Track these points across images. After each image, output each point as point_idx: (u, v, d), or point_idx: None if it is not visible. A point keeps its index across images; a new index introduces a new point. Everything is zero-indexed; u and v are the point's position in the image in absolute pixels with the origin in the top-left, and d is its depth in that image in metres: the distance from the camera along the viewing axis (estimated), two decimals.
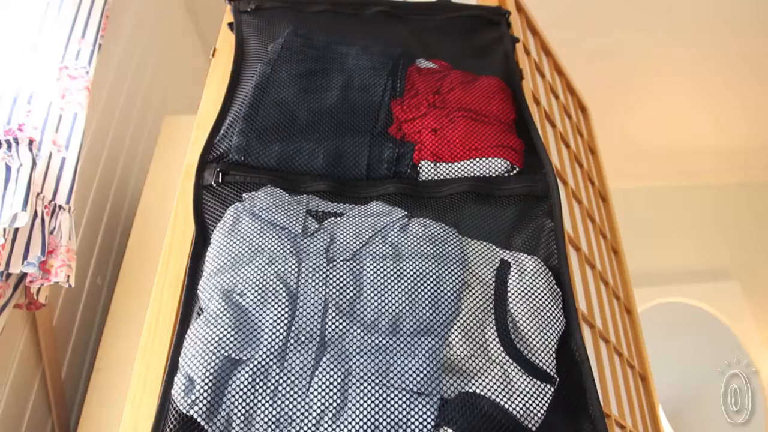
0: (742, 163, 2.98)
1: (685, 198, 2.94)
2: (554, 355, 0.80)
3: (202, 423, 0.71)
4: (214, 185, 0.95)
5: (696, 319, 2.49)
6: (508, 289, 0.84)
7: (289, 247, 0.84)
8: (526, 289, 0.84)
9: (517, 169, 0.99)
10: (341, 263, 0.83)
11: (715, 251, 2.74)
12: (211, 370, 0.72)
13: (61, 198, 1.15)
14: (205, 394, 0.71)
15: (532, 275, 0.85)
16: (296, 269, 0.82)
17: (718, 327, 2.44)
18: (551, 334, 0.81)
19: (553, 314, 0.83)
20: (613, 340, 1.17)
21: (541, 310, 0.82)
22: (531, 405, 0.74)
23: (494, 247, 0.89)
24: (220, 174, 0.96)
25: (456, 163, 0.98)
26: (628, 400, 1.18)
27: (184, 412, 0.72)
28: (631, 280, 1.42)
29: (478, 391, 0.74)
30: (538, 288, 0.84)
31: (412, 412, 0.71)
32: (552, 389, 0.76)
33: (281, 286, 0.79)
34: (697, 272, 2.66)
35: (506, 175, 0.99)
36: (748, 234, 2.82)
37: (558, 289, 0.86)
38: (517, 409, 0.73)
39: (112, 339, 1.25)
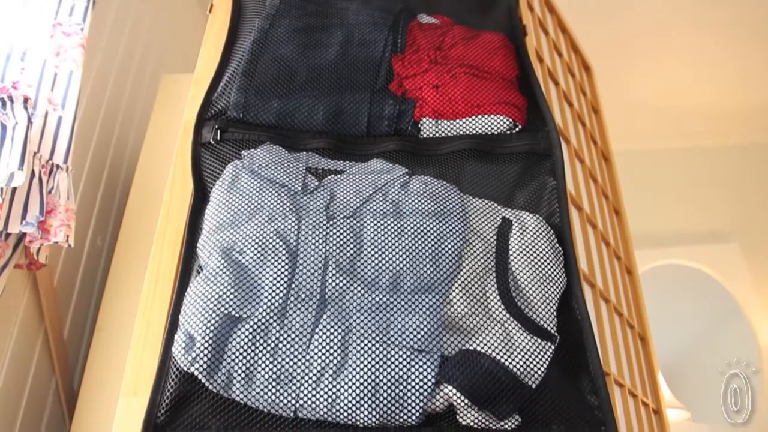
0: (744, 125, 2.95)
1: (686, 159, 2.93)
2: (555, 313, 0.79)
3: (203, 380, 0.71)
4: (213, 143, 0.94)
5: (695, 281, 2.49)
6: (510, 247, 0.83)
7: (288, 204, 0.83)
8: (527, 247, 0.83)
9: (520, 126, 0.98)
10: (341, 221, 0.83)
11: (715, 213, 2.73)
12: (211, 328, 0.72)
13: (59, 157, 1.13)
14: (206, 352, 0.71)
15: (534, 233, 0.85)
16: (296, 227, 0.81)
17: (717, 289, 2.45)
18: (552, 292, 0.81)
19: (555, 272, 0.82)
20: (613, 300, 1.17)
21: (543, 269, 0.82)
22: (531, 362, 0.74)
23: (496, 205, 0.88)
24: (219, 131, 0.94)
25: (458, 120, 0.97)
26: (627, 360, 1.19)
27: (185, 369, 0.72)
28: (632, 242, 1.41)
29: (478, 348, 0.74)
30: (540, 246, 0.84)
31: (413, 370, 0.71)
32: (552, 347, 0.76)
33: (281, 243, 0.79)
34: (698, 234, 2.66)
35: (508, 132, 0.97)
36: (748, 196, 2.81)
37: (559, 248, 0.85)
38: (518, 366, 0.73)
39: (113, 299, 1.25)
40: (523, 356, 0.74)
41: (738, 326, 2.38)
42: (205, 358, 0.71)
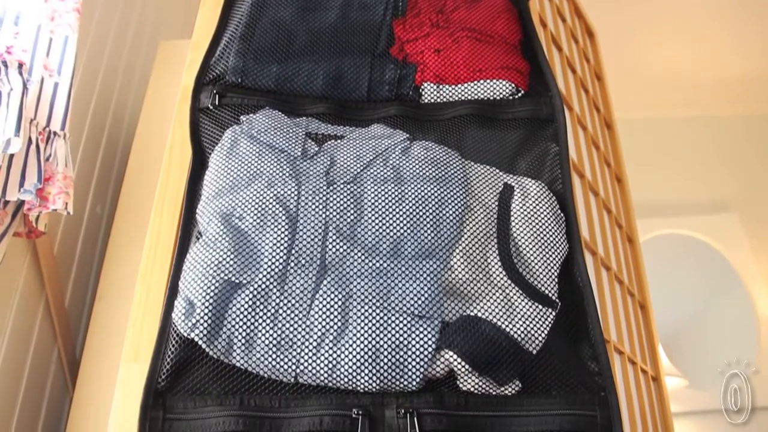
0: (746, 95, 2.92)
1: (688, 129, 2.90)
2: (556, 279, 0.79)
3: (204, 346, 0.71)
4: (211, 108, 0.93)
5: (695, 251, 2.49)
6: (511, 213, 0.83)
7: (288, 169, 0.83)
8: (529, 213, 0.83)
9: (522, 92, 0.96)
10: (342, 186, 0.82)
11: (716, 183, 2.72)
12: (211, 294, 0.72)
13: (56, 124, 1.12)
14: (206, 318, 0.71)
15: (536, 199, 0.84)
16: (296, 192, 0.80)
17: (717, 258, 2.45)
18: (554, 258, 0.80)
19: (556, 239, 0.82)
20: (614, 268, 1.17)
21: (544, 235, 0.81)
22: (532, 328, 0.74)
23: (497, 170, 0.88)
24: (217, 96, 0.93)
25: (459, 86, 0.95)
26: (627, 327, 1.19)
27: (185, 335, 0.72)
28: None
29: (479, 314, 0.74)
30: (542, 212, 0.83)
31: (413, 335, 0.71)
32: (553, 313, 0.76)
33: (281, 209, 0.78)
34: (698, 204, 2.65)
35: (511, 98, 0.96)
36: (749, 166, 2.80)
37: (561, 214, 0.85)
38: (518, 332, 0.73)
39: (113, 266, 1.25)
40: (523, 322, 0.74)
41: (737, 296, 2.39)
42: (205, 324, 0.70)
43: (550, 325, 0.75)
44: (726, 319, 2.36)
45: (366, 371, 0.69)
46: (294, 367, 0.70)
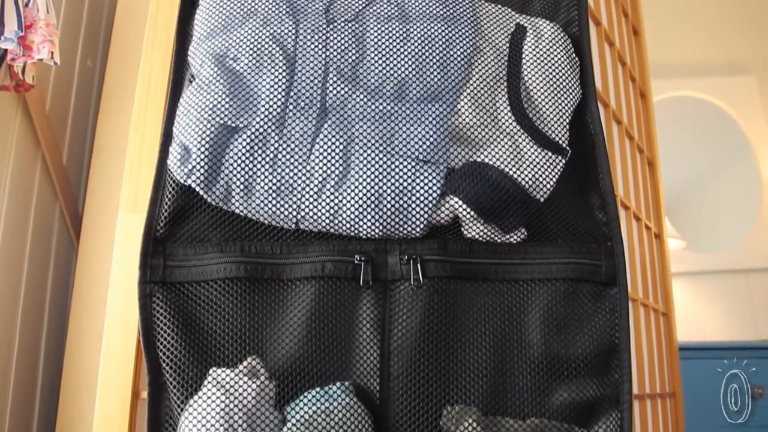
0: None
1: None
2: (567, 126, 0.76)
3: (201, 192, 0.69)
4: None
5: (707, 115, 2.43)
6: (523, 55, 0.78)
7: (284, 6, 0.76)
8: (541, 56, 0.77)
9: None
10: (342, 24, 0.76)
11: (734, 44, 2.60)
12: (207, 138, 0.69)
13: None
14: (202, 163, 0.68)
15: (549, 42, 0.79)
16: (293, 31, 0.75)
17: (729, 124, 2.40)
18: (566, 104, 0.76)
19: (570, 84, 0.77)
20: (625, 122, 1.13)
21: (557, 79, 0.77)
22: (540, 176, 0.71)
23: (509, 10, 0.81)
24: None
25: None
26: (635, 183, 1.17)
27: (182, 182, 0.70)
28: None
29: (486, 160, 0.71)
30: (555, 55, 0.78)
31: (417, 181, 0.69)
32: (563, 161, 0.73)
33: (277, 48, 0.73)
34: (714, 65, 2.56)
35: None
36: None
37: (576, 58, 0.80)
38: (526, 179, 0.71)
39: (109, 119, 1.22)
40: (532, 169, 0.71)
41: (744, 163, 2.36)
42: (202, 170, 0.68)
43: (558, 172, 0.73)
44: (730, 185, 2.35)
45: (369, 216, 0.68)
46: (295, 212, 0.68)
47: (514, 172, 0.70)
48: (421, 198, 0.68)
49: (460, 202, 0.68)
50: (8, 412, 1.08)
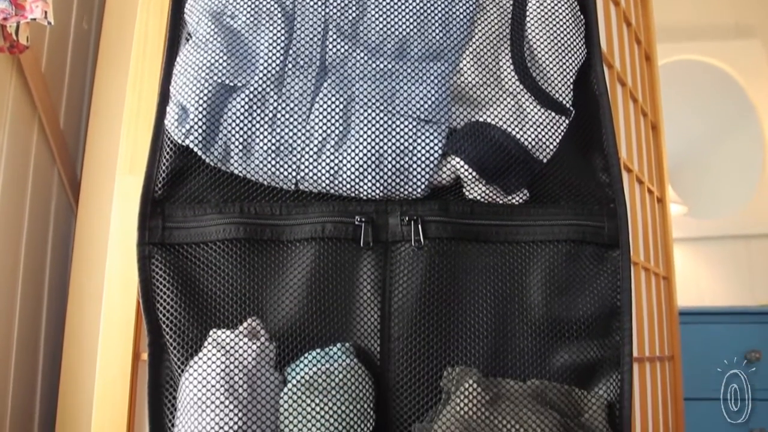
0: None
1: None
2: (571, 86, 0.74)
3: (199, 153, 0.68)
4: None
5: (712, 79, 2.40)
6: (527, 13, 0.76)
7: None
8: (546, 13, 0.75)
9: None
10: None
11: (742, 4, 2.56)
12: (204, 98, 0.67)
13: None
14: (200, 123, 0.67)
15: None
16: None
17: (735, 89, 2.37)
18: (570, 64, 0.75)
19: (575, 43, 0.75)
20: (629, 84, 1.12)
21: (562, 38, 0.75)
22: (543, 136, 0.70)
23: None
24: None
25: None
26: (638, 146, 1.16)
27: (180, 142, 0.69)
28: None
29: (488, 120, 0.70)
30: (560, 13, 0.76)
31: (419, 141, 0.67)
32: (566, 121, 0.72)
33: (276, 5, 0.71)
34: (721, 27, 2.51)
35: None
36: None
37: (581, 16, 0.78)
38: (529, 139, 0.70)
39: (106, 81, 1.20)
40: (534, 129, 0.70)
41: (749, 129, 2.34)
42: (200, 130, 0.67)
43: (562, 133, 0.71)
44: (734, 152, 2.33)
45: (369, 177, 0.67)
46: (294, 173, 0.67)
47: (517, 133, 0.69)
48: (423, 158, 0.67)
49: (462, 163, 0.67)
50: (12, 374, 1.09)
